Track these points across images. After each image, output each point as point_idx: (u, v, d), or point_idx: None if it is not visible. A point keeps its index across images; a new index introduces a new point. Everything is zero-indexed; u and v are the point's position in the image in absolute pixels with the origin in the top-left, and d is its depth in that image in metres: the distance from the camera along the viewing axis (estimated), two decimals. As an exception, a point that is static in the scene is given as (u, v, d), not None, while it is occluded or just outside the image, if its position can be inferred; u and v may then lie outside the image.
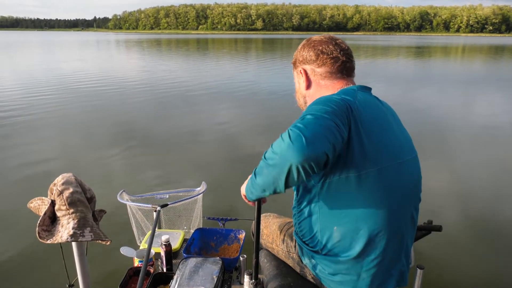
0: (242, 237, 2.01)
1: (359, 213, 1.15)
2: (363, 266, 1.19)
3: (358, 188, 1.13)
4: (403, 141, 1.25)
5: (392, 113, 1.30)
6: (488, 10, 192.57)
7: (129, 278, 1.73)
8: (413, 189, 1.25)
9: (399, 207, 1.19)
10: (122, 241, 2.07)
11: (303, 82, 1.37)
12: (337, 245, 1.20)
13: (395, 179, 1.17)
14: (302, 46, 1.38)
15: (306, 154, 0.95)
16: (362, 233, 1.16)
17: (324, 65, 1.31)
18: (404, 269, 1.28)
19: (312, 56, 1.33)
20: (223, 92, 10.85)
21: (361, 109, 1.14)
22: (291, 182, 1.03)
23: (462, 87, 12.69)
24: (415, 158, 1.28)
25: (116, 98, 9.93)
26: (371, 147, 1.12)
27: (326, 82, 1.32)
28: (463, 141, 6.44)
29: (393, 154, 1.17)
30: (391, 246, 1.19)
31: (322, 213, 1.21)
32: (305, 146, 0.95)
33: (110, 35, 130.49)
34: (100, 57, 26.36)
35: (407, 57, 27.81)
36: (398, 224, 1.20)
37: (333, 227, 1.20)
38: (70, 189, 1.31)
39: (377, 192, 1.14)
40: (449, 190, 4.35)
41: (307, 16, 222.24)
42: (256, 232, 1.42)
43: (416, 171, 1.27)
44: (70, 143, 5.98)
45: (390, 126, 1.22)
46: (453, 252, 3.07)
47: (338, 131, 1.03)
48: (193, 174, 4.73)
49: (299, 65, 1.38)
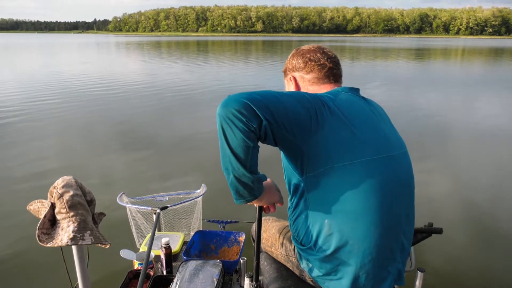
0: (242, 239, 2.00)
1: (347, 206, 1.15)
2: (358, 263, 1.19)
3: (343, 180, 1.14)
4: (390, 137, 1.26)
5: (379, 111, 1.33)
6: (488, 13, 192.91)
7: (129, 281, 1.72)
8: (404, 185, 1.25)
9: (391, 202, 1.19)
10: (122, 243, 2.06)
11: (292, 89, 1.44)
12: (328, 239, 1.20)
13: (382, 172, 1.17)
14: (291, 55, 1.47)
15: (226, 103, 1.03)
16: (353, 227, 1.16)
17: (312, 72, 1.39)
18: (401, 268, 1.28)
19: (300, 64, 1.41)
20: (225, 94, 10.85)
21: (340, 104, 1.19)
22: (231, 141, 1.04)
23: (463, 89, 12.70)
24: (405, 153, 1.29)
25: (116, 100, 9.94)
26: (352, 140, 1.14)
27: (314, 87, 1.39)
28: (463, 143, 6.44)
29: (378, 147, 1.18)
30: (385, 243, 1.19)
31: (312, 208, 1.22)
32: (226, 99, 1.05)
33: (110, 37, 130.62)
34: (101, 59, 26.39)
35: (407, 59, 27.85)
36: (391, 220, 1.20)
37: (323, 220, 1.20)
38: (70, 192, 1.31)
39: (363, 184, 1.14)
40: (449, 192, 4.35)
41: (307, 18, 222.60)
42: (257, 234, 1.42)
43: (406, 167, 1.27)
44: (71, 146, 5.98)
45: (374, 122, 1.24)
46: (454, 255, 3.06)
47: (274, 96, 1.08)
48: (193, 176, 4.73)
49: (289, 72, 1.46)
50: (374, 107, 1.32)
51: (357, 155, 1.14)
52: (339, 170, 1.13)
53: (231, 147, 1.06)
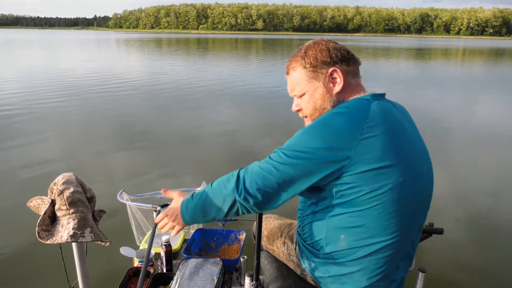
0: (243, 238, 2.00)
1: (369, 225, 1.12)
2: (366, 274, 1.18)
3: (373, 201, 1.09)
4: (421, 151, 1.20)
5: (408, 119, 1.25)
6: (489, 13, 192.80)
7: (129, 279, 1.71)
8: (426, 200, 1.23)
9: (411, 218, 1.17)
10: (122, 241, 2.05)
11: (333, 86, 1.22)
12: (341, 253, 1.18)
13: (410, 192, 1.13)
14: (323, 47, 1.24)
15: (239, 202, 1.18)
16: (370, 243, 1.14)
17: (354, 64, 1.25)
18: (404, 275, 1.28)
19: (340, 55, 1.22)
20: (225, 92, 10.84)
21: (375, 122, 1.08)
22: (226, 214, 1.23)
23: (464, 89, 12.69)
24: (430, 168, 1.25)
25: (117, 97, 9.92)
26: (388, 161, 1.07)
27: (356, 81, 1.25)
28: (465, 143, 6.44)
29: (410, 166, 1.12)
30: (396, 255, 1.18)
31: (330, 221, 1.18)
32: (243, 196, 1.17)
33: (110, 34, 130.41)
34: (102, 56, 26.35)
35: (408, 59, 27.82)
36: (407, 234, 1.18)
37: (340, 235, 1.17)
38: (70, 189, 1.30)
39: (392, 205, 1.10)
40: (451, 192, 4.34)
41: (307, 17, 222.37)
42: (258, 233, 1.41)
43: (430, 182, 1.25)
44: (71, 143, 5.96)
45: (408, 136, 1.16)
46: (454, 255, 3.06)
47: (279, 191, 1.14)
48: (193, 174, 4.72)
49: (327, 66, 1.22)
50: (403, 114, 1.24)
51: (388, 178, 1.08)
52: (368, 192, 1.09)
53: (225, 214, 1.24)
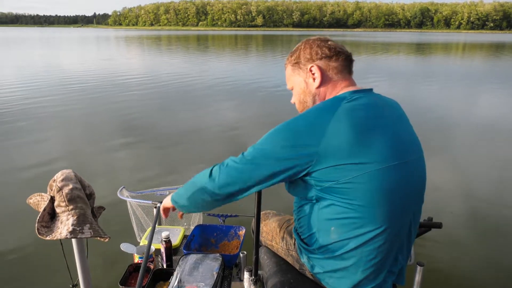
0: (242, 233, 2.00)
1: (358, 214, 1.13)
2: (359, 266, 1.18)
3: (359, 189, 1.11)
4: (408, 140, 1.22)
5: (397, 112, 1.27)
6: (489, 7, 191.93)
7: (129, 274, 1.73)
8: (416, 190, 1.23)
9: (401, 207, 1.18)
10: (122, 237, 2.06)
11: (312, 81, 1.31)
12: (334, 245, 1.20)
13: (398, 180, 1.14)
14: (306, 45, 1.34)
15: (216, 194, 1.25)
16: (359, 233, 1.15)
17: (339, 59, 1.30)
18: (403, 267, 1.28)
19: (325, 51, 1.30)
20: (226, 89, 10.84)
21: (341, 119, 1.11)
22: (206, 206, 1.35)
23: (464, 84, 12.67)
24: (421, 157, 1.26)
25: (117, 94, 9.92)
26: (358, 153, 1.09)
27: (339, 76, 1.30)
28: (464, 138, 6.43)
29: (395, 153, 1.14)
30: (390, 247, 1.18)
31: (320, 213, 1.20)
32: (216, 189, 1.24)
33: (110, 31, 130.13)
34: (103, 53, 26.31)
35: (408, 53, 27.74)
36: (399, 225, 1.19)
37: (330, 227, 1.19)
38: (69, 186, 1.31)
39: (378, 192, 1.11)
40: (449, 186, 4.35)
41: (307, 12, 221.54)
42: (256, 228, 1.42)
43: (421, 172, 1.25)
44: (71, 140, 5.98)
45: (386, 128, 1.17)
46: (453, 249, 3.07)
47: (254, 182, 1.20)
48: (193, 170, 4.72)
49: (308, 63, 1.32)
50: (391, 106, 1.27)
51: (371, 164, 1.09)
52: (354, 180, 1.10)
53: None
